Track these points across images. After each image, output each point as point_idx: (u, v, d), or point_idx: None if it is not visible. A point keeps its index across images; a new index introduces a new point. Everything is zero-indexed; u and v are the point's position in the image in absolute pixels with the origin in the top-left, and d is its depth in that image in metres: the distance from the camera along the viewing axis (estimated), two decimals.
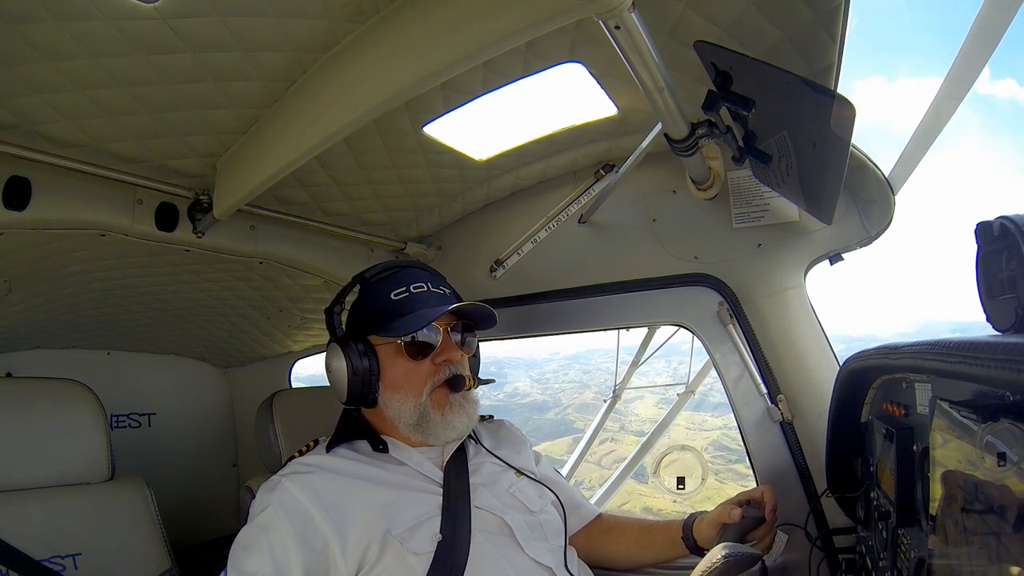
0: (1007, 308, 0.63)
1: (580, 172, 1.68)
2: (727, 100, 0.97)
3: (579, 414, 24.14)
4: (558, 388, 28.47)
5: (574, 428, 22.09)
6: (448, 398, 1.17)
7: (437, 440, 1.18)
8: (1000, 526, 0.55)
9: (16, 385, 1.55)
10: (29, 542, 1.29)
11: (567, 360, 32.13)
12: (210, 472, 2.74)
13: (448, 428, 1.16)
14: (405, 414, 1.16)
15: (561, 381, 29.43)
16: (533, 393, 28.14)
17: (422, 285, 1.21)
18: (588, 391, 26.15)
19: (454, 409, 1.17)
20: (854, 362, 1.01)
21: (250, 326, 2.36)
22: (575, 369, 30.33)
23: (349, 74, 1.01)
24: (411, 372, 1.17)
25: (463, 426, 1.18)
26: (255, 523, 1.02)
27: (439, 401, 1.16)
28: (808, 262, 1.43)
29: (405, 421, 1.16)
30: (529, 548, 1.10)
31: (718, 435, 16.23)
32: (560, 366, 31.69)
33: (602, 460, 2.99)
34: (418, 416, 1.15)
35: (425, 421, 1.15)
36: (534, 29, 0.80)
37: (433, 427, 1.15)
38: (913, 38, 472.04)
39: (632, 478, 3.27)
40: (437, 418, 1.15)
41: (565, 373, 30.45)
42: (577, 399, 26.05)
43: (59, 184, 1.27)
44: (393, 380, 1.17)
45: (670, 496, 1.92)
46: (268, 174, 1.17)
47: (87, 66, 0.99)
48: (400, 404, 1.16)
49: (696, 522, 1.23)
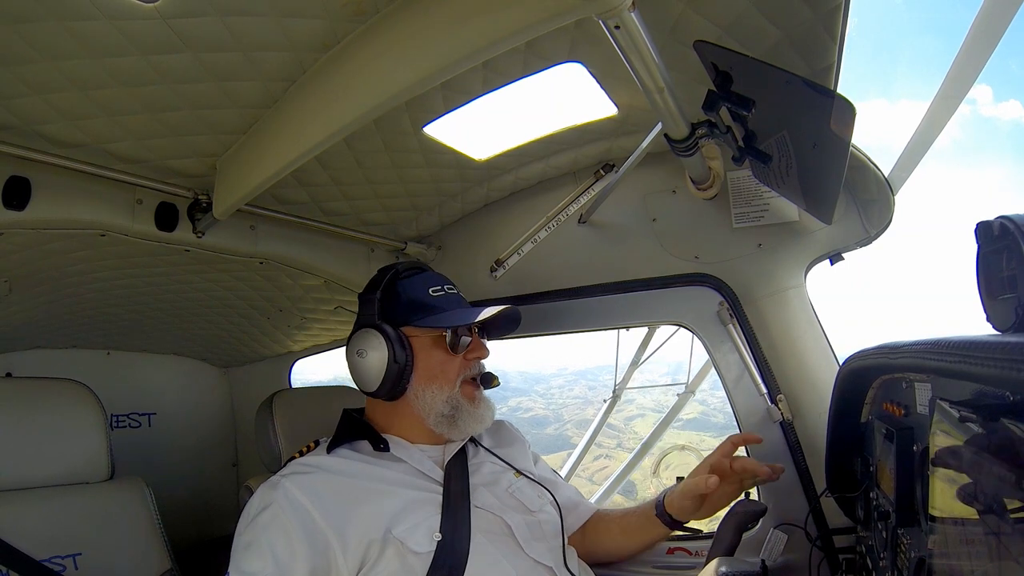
0: (1007, 308, 0.63)
1: (580, 172, 1.68)
2: (727, 100, 0.97)
3: (577, 430, 24.12)
4: (561, 404, 28.43)
5: (570, 444, 22.15)
6: (476, 392, 1.22)
7: (462, 433, 1.21)
8: (1000, 526, 0.55)
9: (16, 385, 1.55)
10: (29, 542, 1.29)
11: (574, 376, 32.08)
12: (210, 472, 2.74)
13: (478, 421, 1.21)
14: (439, 404, 1.18)
15: (565, 397, 29.38)
16: (536, 408, 28.10)
17: (452, 288, 1.29)
18: (590, 407, 26.12)
19: (483, 404, 1.23)
20: (854, 362, 1.01)
21: (250, 326, 2.36)
22: (581, 385, 30.24)
23: (349, 74, 1.01)
24: (447, 364, 1.20)
25: (489, 421, 1.24)
26: (256, 523, 1.02)
27: (469, 394, 1.21)
28: (808, 262, 1.43)
29: (438, 411, 1.18)
30: (529, 548, 1.10)
31: (701, 452, 16.15)
32: (567, 381, 31.61)
33: (594, 476, 2.96)
34: (451, 407, 1.18)
35: (458, 412, 1.19)
36: (534, 29, 0.80)
37: (465, 418, 1.19)
38: (913, 38, 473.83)
39: (619, 493, 3.25)
40: (470, 409, 1.20)
41: (571, 389, 30.37)
42: (578, 415, 26.03)
43: (59, 184, 1.27)
44: (428, 371, 1.20)
45: None
46: (268, 174, 1.16)
47: (87, 66, 0.99)
48: (434, 395, 1.18)
49: (668, 496, 1.26)
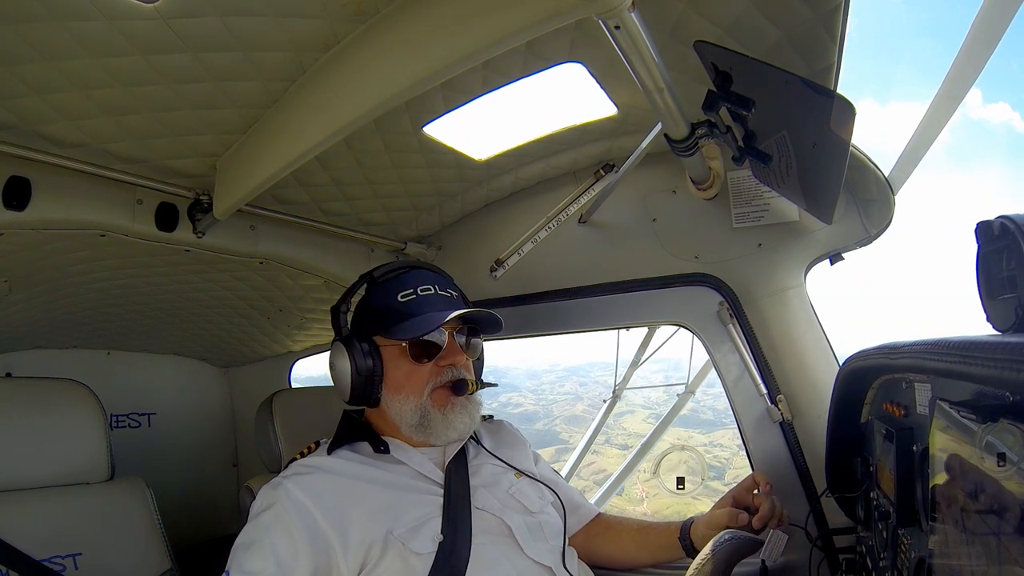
0: (1007, 308, 0.63)
1: (580, 172, 1.68)
2: (727, 100, 0.97)
3: (566, 425, 24.06)
4: (552, 399, 28.35)
5: (559, 439, 22.10)
6: (449, 398, 1.17)
7: (439, 440, 1.18)
8: (1000, 526, 0.55)
9: (16, 385, 1.55)
10: (29, 542, 1.29)
11: (566, 372, 31.89)
12: (210, 472, 2.74)
13: (449, 428, 1.16)
14: (407, 414, 1.16)
15: (556, 393, 29.30)
16: (526, 404, 28.03)
17: (429, 288, 1.21)
18: (580, 403, 26.08)
19: (456, 409, 1.17)
20: (854, 362, 1.01)
21: (250, 326, 2.36)
22: (572, 381, 30.09)
23: (349, 74, 1.01)
24: (414, 374, 1.17)
25: (464, 426, 1.18)
26: (257, 523, 1.02)
27: (440, 401, 1.16)
28: (808, 262, 1.43)
29: (407, 421, 1.16)
30: (529, 549, 1.10)
31: (701, 452, 16.32)
32: (558, 377, 31.39)
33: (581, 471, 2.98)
34: (420, 416, 1.15)
35: (427, 420, 1.15)
36: (534, 29, 0.80)
37: (435, 426, 1.15)
38: (913, 37, 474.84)
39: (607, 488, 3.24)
40: (439, 416, 1.15)
41: (561, 385, 30.21)
42: (567, 411, 25.92)
43: (59, 184, 1.27)
44: (396, 381, 1.18)
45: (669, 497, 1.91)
46: (268, 174, 1.16)
47: (87, 66, 0.99)
48: (401, 405, 1.16)
49: (694, 525, 1.24)
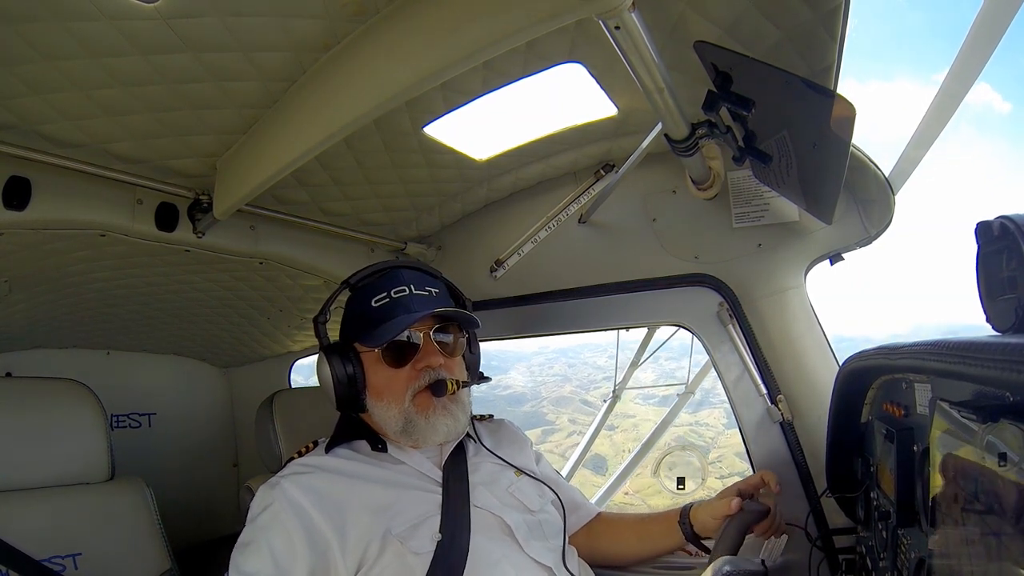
0: (1007, 308, 0.63)
1: (580, 172, 1.68)
2: (727, 100, 0.97)
3: (553, 407, 24.06)
4: (540, 381, 28.34)
5: (545, 420, 22.03)
6: (432, 402, 1.16)
7: (426, 443, 1.18)
8: (1000, 526, 0.55)
9: (16, 385, 1.55)
10: (29, 542, 1.29)
11: (555, 354, 31.97)
12: (210, 472, 2.74)
13: (433, 431, 1.15)
14: (391, 421, 1.16)
15: (545, 375, 29.28)
16: (515, 386, 27.99)
17: (404, 289, 1.19)
18: (568, 384, 26.05)
19: (438, 412, 1.15)
20: (854, 362, 1.01)
21: (250, 326, 2.36)
22: (561, 363, 30.18)
23: (349, 74, 1.01)
24: (391, 380, 1.17)
25: (448, 428, 1.17)
26: (255, 523, 1.02)
27: (423, 405, 1.15)
28: (808, 262, 1.43)
29: (392, 428, 1.17)
30: (528, 547, 1.10)
31: (685, 431, 16.45)
32: (547, 359, 31.49)
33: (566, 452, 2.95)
34: (403, 422, 1.15)
35: (411, 426, 1.15)
36: (534, 29, 0.80)
37: (419, 431, 1.15)
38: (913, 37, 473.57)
39: (588, 468, 3.20)
40: (422, 422, 1.15)
41: (551, 367, 30.28)
42: (555, 392, 25.90)
43: (59, 184, 1.27)
44: (376, 388, 1.18)
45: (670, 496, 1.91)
46: (268, 174, 1.16)
47: (87, 66, 0.99)
48: (384, 411, 1.17)
49: (694, 509, 1.25)
